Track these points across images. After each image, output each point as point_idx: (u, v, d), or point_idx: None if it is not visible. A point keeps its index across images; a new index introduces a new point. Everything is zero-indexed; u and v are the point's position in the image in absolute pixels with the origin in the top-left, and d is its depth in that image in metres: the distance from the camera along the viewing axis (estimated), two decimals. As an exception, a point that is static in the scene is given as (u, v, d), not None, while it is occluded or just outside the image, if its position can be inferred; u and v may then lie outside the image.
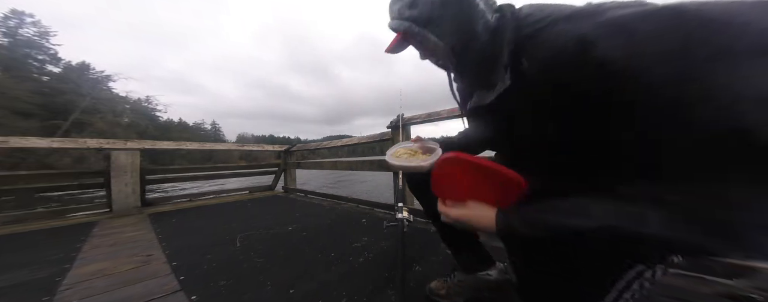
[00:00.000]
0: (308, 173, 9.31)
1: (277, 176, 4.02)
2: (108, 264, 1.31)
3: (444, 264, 1.15)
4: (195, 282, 1.11)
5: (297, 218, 2.19)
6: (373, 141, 2.53)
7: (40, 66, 27.49)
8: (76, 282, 1.13)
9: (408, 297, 0.90)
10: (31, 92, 21.42)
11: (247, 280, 1.11)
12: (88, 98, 26.01)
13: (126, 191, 2.60)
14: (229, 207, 2.79)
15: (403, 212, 1.06)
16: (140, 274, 1.19)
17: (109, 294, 1.02)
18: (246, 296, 0.99)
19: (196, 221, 2.21)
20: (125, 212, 2.54)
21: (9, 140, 2.23)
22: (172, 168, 3.49)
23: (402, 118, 1.90)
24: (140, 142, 2.88)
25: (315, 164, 4.07)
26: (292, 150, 4.04)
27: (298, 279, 1.09)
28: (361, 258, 1.27)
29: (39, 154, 16.48)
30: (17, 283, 1.14)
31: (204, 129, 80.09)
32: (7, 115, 18.62)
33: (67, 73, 27.94)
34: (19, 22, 27.22)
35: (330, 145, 3.37)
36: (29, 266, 1.31)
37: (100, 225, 2.12)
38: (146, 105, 36.77)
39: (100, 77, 29.92)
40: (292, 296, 0.97)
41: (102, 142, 2.62)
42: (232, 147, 4.66)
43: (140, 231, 1.93)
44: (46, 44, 28.38)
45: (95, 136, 17.07)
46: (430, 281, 0.94)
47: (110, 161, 2.56)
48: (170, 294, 1.01)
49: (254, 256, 1.37)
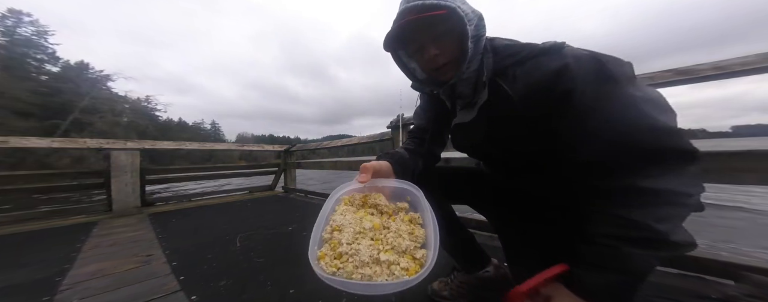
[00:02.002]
0: (310, 172, 9.30)
1: (277, 176, 4.02)
2: (108, 264, 1.31)
3: (444, 265, 1.15)
4: (195, 282, 1.11)
5: (297, 218, 2.19)
6: (373, 141, 2.53)
7: (39, 65, 27.41)
8: (76, 282, 1.13)
9: (408, 297, 0.90)
10: (29, 92, 21.39)
11: (247, 280, 1.11)
12: (87, 98, 25.98)
13: (126, 191, 2.60)
14: (229, 207, 2.79)
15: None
16: (140, 274, 1.19)
17: (109, 294, 1.02)
18: (246, 296, 0.99)
19: (197, 221, 2.21)
20: (125, 212, 2.54)
21: (9, 140, 2.23)
22: (172, 168, 3.49)
23: (402, 118, 1.90)
24: (140, 142, 2.88)
25: (315, 164, 4.07)
26: (292, 150, 4.04)
27: (298, 279, 1.10)
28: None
29: (39, 154, 16.47)
30: (17, 283, 1.14)
31: (204, 129, 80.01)
32: (6, 115, 18.59)
33: (65, 72, 27.89)
34: (16, 21, 27.14)
35: (330, 145, 3.37)
36: (29, 266, 1.31)
37: (100, 225, 2.12)
38: (146, 105, 36.72)
39: (99, 77, 29.91)
40: (292, 296, 0.97)
41: (102, 142, 2.62)
42: (232, 147, 4.66)
43: (140, 231, 1.93)
44: (44, 43, 28.32)
45: (95, 136, 17.07)
46: (431, 281, 0.94)
47: (110, 161, 2.56)
48: (170, 294, 1.01)
49: (254, 256, 1.37)
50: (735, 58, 0.94)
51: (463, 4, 0.55)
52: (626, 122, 0.44)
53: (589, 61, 0.48)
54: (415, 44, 0.60)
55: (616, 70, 0.47)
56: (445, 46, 0.57)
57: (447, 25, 0.55)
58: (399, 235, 0.48)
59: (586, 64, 0.48)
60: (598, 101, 0.46)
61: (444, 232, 0.48)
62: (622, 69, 0.48)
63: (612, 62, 0.48)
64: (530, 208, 0.66)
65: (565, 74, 0.48)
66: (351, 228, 0.48)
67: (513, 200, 0.70)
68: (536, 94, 0.51)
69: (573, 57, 0.49)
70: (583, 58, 0.49)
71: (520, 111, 0.53)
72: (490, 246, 1.30)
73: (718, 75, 0.95)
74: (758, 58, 0.89)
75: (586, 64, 0.48)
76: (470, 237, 0.88)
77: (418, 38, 0.59)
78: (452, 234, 0.85)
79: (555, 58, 0.50)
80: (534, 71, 0.51)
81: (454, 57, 0.58)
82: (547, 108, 0.51)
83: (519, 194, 0.69)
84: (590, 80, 0.47)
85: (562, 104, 0.49)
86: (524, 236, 0.66)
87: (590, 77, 0.47)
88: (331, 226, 0.50)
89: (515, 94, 0.53)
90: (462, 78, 0.60)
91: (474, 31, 0.55)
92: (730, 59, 0.94)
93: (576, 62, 0.48)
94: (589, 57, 0.49)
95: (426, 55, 0.59)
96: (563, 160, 0.53)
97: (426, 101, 0.83)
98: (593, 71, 0.47)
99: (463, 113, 0.64)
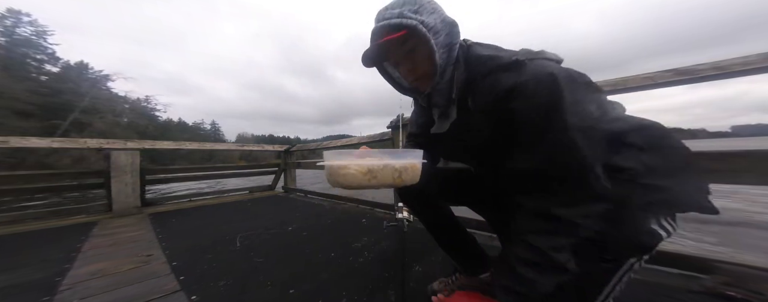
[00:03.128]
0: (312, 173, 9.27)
1: (277, 176, 4.02)
2: (108, 264, 1.31)
3: (444, 264, 1.16)
4: (195, 282, 1.11)
5: (297, 218, 2.19)
6: (373, 141, 2.53)
7: (39, 65, 27.36)
8: (76, 282, 1.13)
9: (408, 297, 0.90)
10: (29, 92, 21.37)
11: (247, 280, 1.11)
12: (87, 98, 25.94)
13: (126, 191, 2.60)
14: (229, 207, 2.79)
15: (403, 212, 1.06)
16: (140, 274, 1.19)
17: (109, 294, 1.02)
18: (246, 296, 0.99)
19: (196, 221, 2.21)
20: (125, 212, 2.53)
21: (9, 140, 2.23)
22: (172, 168, 3.49)
23: (402, 118, 1.90)
24: (140, 142, 2.87)
25: (315, 164, 4.07)
26: (292, 150, 4.04)
27: (298, 279, 1.10)
28: (361, 258, 1.28)
29: (39, 154, 16.46)
30: (17, 283, 1.14)
31: (204, 129, 79.95)
32: (6, 115, 18.58)
33: (65, 72, 27.84)
34: (16, 21, 27.11)
35: (330, 145, 3.37)
36: (29, 266, 1.31)
37: (100, 225, 2.12)
38: (145, 105, 36.69)
39: (99, 77, 29.85)
40: (292, 296, 0.97)
41: (102, 142, 2.62)
42: (232, 147, 4.66)
43: (140, 231, 1.93)
44: (43, 43, 28.29)
45: (95, 136, 17.05)
46: (431, 281, 0.94)
47: (110, 161, 2.56)
48: (170, 294, 1.01)
49: (254, 256, 1.37)
50: (735, 58, 0.94)
51: (429, 15, 0.56)
52: (553, 148, 0.49)
53: (545, 82, 0.50)
54: (392, 60, 0.65)
55: (566, 96, 0.49)
56: (416, 60, 0.60)
57: (411, 43, 0.58)
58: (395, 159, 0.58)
59: (541, 85, 0.50)
60: (536, 126, 0.50)
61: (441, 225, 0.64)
62: (575, 91, 0.50)
63: (569, 85, 0.50)
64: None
65: (515, 94, 0.52)
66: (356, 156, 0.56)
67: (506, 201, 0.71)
68: (489, 108, 0.56)
69: (532, 75, 0.51)
70: (541, 79, 0.51)
71: (481, 124, 0.58)
72: (489, 246, 1.30)
73: (718, 75, 0.95)
74: (758, 58, 0.89)
75: (540, 86, 0.50)
76: (471, 238, 0.88)
77: (391, 56, 0.63)
78: (452, 237, 0.85)
79: (513, 76, 0.53)
80: (491, 88, 0.55)
81: (425, 71, 0.60)
82: (497, 121, 0.55)
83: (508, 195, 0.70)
84: (535, 103, 0.50)
85: (508, 119, 0.53)
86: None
87: (538, 99, 0.50)
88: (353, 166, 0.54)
89: (475, 108, 0.58)
90: (437, 88, 0.62)
91: (446, 39, 0.58)
92: (730, 59, 0.94)
93: (531, 82, 0.51)
94: (546, 78, 0.50)
95: (400, 70, 0.64)
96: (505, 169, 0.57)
97: (418, 107, 0.85)
98: (545, 94, 0.50)
99: (440, 123, 0.68)
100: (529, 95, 0.50)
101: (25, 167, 15.42)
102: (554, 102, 0.48)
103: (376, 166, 0.51)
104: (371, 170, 0.50)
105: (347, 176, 0.50)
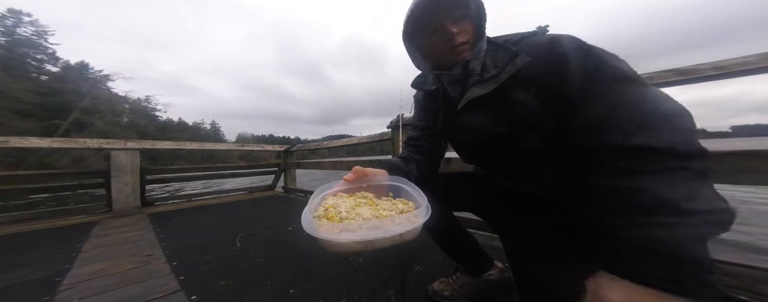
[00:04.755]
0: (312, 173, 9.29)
1: (277, 176, 4.02)
2: (108, 264, 1.31)
3: (444, 264, 1.15)
4: (195, 282, 1.11)
5: (297, 218, 2.18)
6: (373, 141, 2.53)
7: (39, 65, 27.42)
8: (76, 282, 1.13)
9: (408, 297, 0.90)
10: (30, 92, 21.38)
11: (247, 280, 1.11)
12: (87, 98, 25.97)
13: (126, 191, 2.60)
14: (229, 207, 2.79)
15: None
16: (140, 274, 1.19)
17: (109, 294, 1.02)
18: (246, 296, 0.99)
19: (196, 221, 2.21)
20: (125, 212, 2.54)
21: (9, 140, 2.23)
22: (172, 168, 3.49)
23: (402, 118, 1.90)
24: (140, 142, 2.87)
25: (315, 164, 4.07)
26: (292, 150, 4.04)
27: (298, 279, 1.10)
28: (361, 258, 1.27)
29: (39, 154, 16.47)
30: (17, 283, 1.14)
31: (203, 129, 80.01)
32: (6, 115, 18.58)
33: (65, 72, 27.89)
34: (16, 21, 27.14)
35: (330, 145, 3.37)
36: (29, 266, 1.31)
37: (100, 225, 2.12)
38: (146, 105, 36.72)
39: (99, 77, 29.88)
40: (292, 296, 0.97)
41: (102, 142, 2.62)
42: (232, 147, 4.66)
43: (140, 231, 1.93)
44: (44, 43, 28.32)
45: (95, 136, 17.06)
46: (431, 281, 0.94)
47: (110, 161, 2.56)
48: (170, 294, 1.01)
49: (254, 256, 1.37)
50: (735, 58, 0.94)
51: None
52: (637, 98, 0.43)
53: (570, 38, 0.53)
54: (433, 26, 0.63)
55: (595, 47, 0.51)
56: (463, 27, 0.62)
57: (463, 10, 0.61)
58: (394, 205, 0.52)
59: (569, 38, 0.53)
60: (596, 64, 0.48)
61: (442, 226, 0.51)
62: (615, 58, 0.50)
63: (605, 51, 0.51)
64: (532, 208, 0.66)
65: (557, 42, 0.53)
66: (345, 205, 0.50)
67: (515, 202, 0.70)
68: (536, 62, 0.55)
69: (556, 35, 0.55)
70: (564, 36, 0.55)
71: (526, 98, 0.56)
72: (489, 246, 1.30)
73: (719, 75, 0.95)
74: (758, 58, 0.89)
75: (569, 38, 0.53)
76: (473, 240, 0.88)
77: (437, 20, 0.62)
78: (453, 239, 0.85)
79: (542, 36, 0.57)
80: (529, 46, 0.57)
81: (470, 38, 0.63)
82: (546, 74, 0.53)
83: (520, 196, 0.69)
84: (577, 48, 0.51)
85: (559, 67, 0.51)
86: (527, 236, 0.66)
87: (577, 44, 0.51)
88: (323, 207, 0.51)
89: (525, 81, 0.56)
90: (477, 56, 0.63)
91: (483, 14, 0.63)
92: (730, 59, 0.94)
93: (560, 37, 0.54)
94: (568, 36, 0.54)
95: (446, 33, 0.62)
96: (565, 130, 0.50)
97: (419, 109, 0.85)
98: (577, 44, 0.52)
99: (476, 89, 0.61)
100: (570, 43, 0.52)
101: (25, 167, 15.42)
102: (592, 50, 0.50)
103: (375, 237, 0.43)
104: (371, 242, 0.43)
105: (343, 246, 0.44)
